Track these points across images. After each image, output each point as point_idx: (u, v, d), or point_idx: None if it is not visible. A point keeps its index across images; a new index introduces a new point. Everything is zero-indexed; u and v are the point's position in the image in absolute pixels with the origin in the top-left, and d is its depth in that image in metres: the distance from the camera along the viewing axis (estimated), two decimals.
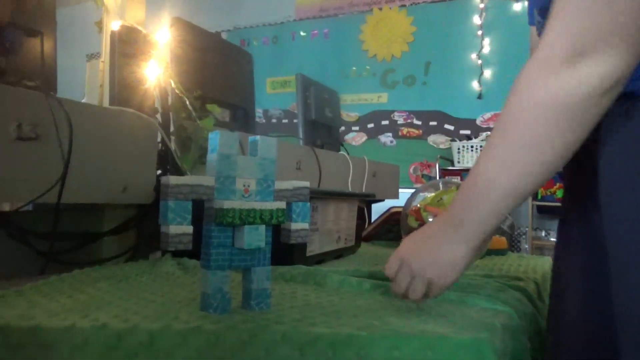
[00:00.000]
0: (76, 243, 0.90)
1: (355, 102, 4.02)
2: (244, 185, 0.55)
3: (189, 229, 0.51)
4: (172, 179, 0.50)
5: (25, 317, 0.51)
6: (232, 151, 0.54)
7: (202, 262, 0.55)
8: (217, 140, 0.54)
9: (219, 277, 0.54)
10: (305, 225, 0.59)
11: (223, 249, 0.54)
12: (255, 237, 0.54)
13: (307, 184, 0.60)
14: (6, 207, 0.81)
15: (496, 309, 0.62)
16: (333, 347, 0.47)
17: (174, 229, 0.50)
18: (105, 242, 0.94)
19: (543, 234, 3.35)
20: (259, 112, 4.25)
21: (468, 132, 3.56)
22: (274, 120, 4.31)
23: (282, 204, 0.57)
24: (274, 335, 0.48)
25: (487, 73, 3.63)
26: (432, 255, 0.58)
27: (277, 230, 0.59)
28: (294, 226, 0.59)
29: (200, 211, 0.54)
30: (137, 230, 0.97)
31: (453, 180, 1.01)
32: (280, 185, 0.58)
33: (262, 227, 0.55)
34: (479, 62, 3.64)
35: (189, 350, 0.47)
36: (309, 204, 0.60)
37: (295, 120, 1.65)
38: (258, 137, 0.56)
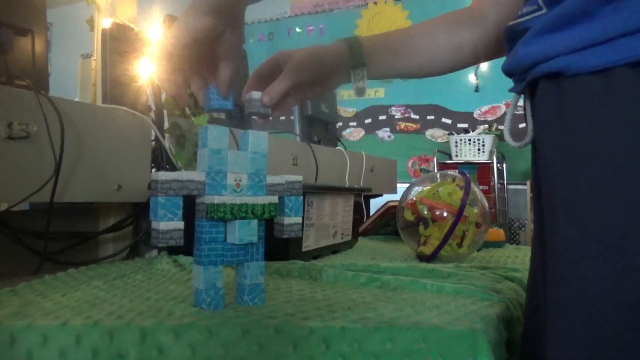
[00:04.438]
0: (71, 242, 0.89)
1: (352, 97, 4.01)
2: (236, 180, 0.55)
3: (180, 224, 0.50)
4: (162, 175, 0.50)
5: (19, 315, 0.50)
6: (222, 146, 0.54)
7: (194, 257, 0.54)
8: (207, 135, 0.53)
9: (211, 272, 0.53)
10: (298, 219, 0.59)
11: (215, 244, 0.54)
12: (248, 231, 0.54)
13: (300, 177, 0.60)
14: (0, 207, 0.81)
15: (492, 300, 0.62)
16: (326, 341, 0.47)
17: (164, 225, 0.49)
18: (100, 241, 0.93)
19: None
20: None
21: (465, 125, 3.56)
22: (270, 118, 4.30)
23: (274, 198, 0.56)
24: (267, 330, 0.48)
25: (484, 66, 3.62)
26: None
27: (271, 226, 0.59)
28: (287, 220, 0.58)
29: (193, 207, 0.54)
30: (133, 229, 0.97)
31: (449, 172, 1.01)
32: (273, 179, 0.58)
33: (255, 222, 0.54)
34: None
35: (182, 345, 0.47)
36: (301, 197, 0.60)
37: (292, 117, 1.64)
38: (249, 131, 0.56)
